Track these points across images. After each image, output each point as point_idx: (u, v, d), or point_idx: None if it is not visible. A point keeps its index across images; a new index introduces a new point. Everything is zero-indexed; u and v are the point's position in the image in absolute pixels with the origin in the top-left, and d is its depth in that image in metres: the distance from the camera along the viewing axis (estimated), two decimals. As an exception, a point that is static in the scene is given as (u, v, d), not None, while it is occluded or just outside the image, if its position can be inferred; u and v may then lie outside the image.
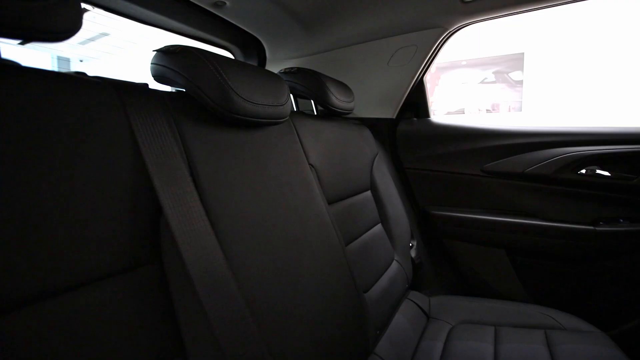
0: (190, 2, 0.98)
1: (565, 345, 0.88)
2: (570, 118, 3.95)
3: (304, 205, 0.72)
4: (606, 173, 1.13)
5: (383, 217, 1.20)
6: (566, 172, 1.15)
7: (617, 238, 1.11)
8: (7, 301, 0.34)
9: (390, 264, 1.12)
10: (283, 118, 0.71)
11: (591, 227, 1.13)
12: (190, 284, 0.44)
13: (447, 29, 1.17)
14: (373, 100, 1.38)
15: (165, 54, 0.58)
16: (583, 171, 1.15)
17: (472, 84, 4.42)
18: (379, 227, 1.15)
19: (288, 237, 0.64)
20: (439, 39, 1.19)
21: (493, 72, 4.19)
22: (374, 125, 1.37)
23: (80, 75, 0.47)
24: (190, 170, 0.51)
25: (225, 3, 1.00)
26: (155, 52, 0.60)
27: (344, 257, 0.80)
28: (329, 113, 1.06)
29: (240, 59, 1.39)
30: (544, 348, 0.89)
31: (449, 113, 4.16)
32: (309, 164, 0.85)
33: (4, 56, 0.40)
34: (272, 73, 0.73)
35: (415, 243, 1.32)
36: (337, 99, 1.02)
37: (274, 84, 0.69)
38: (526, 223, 1.22)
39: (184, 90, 0.59)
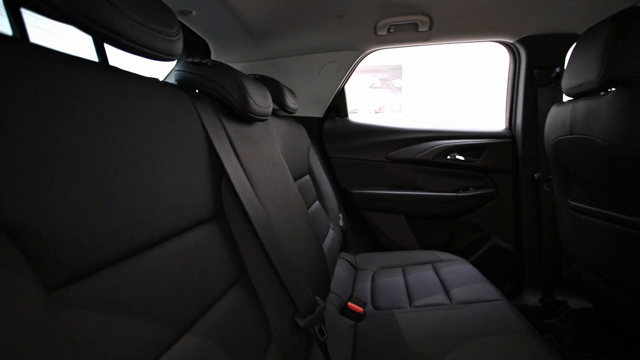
0: None
1: (444, 269, 1.35)
2: (438, 118, 4.99)
3: (286, 179, 0.98)
4: (462, 157, 1.68)
5: (319, 195, 1.52)
6: (440, 157, 1.67)
7: (469, 200, 1.68)
8: (116, 254, 0.39)
9: (328, 230, 1.45)
10: (269, 116, 0.96)
11: (454, 194, 1.68)
12: (251, 230, 0.66)
13: (363, 52, 1.56)
14: (306, 102, 1.68)
15: (197, 65, 0.76)
16: (449, 157, 1.68)
17: (362, 88, 5.14)
18: (317, 203, 1.47)
19: (285, 200, 0.89)
20: (357, 58, 1.58)
21: (379, 79, 4.98)
22: (306, 122, 1.67)
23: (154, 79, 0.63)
24: (233, 149, 0.72)
25: (191, 12, 1.15)
26: (184, 62, 0.77)
27: (309, 218, 1.09)
28: (282, 112, 1.32)
29: (184, 58, 1.51)
30: (433, 273, 1.34)
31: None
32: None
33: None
34: (263, 83, 0.97)
35: (341, 215, 1.68)
36: (290, 102, 1.29)
37: (265, 91, 0.93)
38: (417, 194, 1.71)
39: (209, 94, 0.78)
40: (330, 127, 1.78)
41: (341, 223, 1.63)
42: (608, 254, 1.08)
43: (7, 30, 0.43)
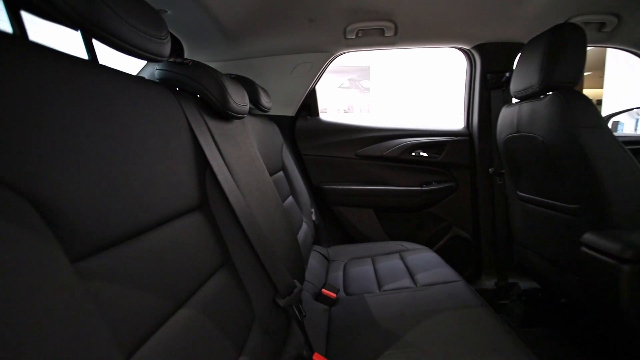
0: None
1: (410, 257, 1.46)
2: (405, 117, 5.21)
3: (262, 174, 1.03)
4: (425, 154, 1.81)
5: (292, 191, 1.58)
6: (405, 154, 1.79)
7: (432, 194, 1.81)
8: (122, 233, 0.44)
9: (302, 224, 1.52)
10: (246, 114, 1.00)
11: (419, 188, 1.80)
12: (234, 218, 0.71)
13: (333, 54, 1.64)
14: (279, 101, 1.73)
15: (179, 64, 0.80)
16: (414, 154, 1.80)
17: (331, 88, 5.25)
18: (290, 198, 1.53)
19: (262, 193, 0.95)
20: (327, 60, 1.66)
21: (348, 79, 5.11)
22: (279, 121, 1.73)
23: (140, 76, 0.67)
24: (215, 144, 0.77)
25: (167, 11, 1.17)
26: (166, 61, 0.81)
27: (284, 211, 1.15)
28: (257, 111, 1.37)
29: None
30: (400, 261, 1.44)
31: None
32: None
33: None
34: (240, 83, 1.01)
35: (313, 210, 1.76)
36: (265, 101, 1.34)
37: (243, 91, 0.98)
38: (384, 189, 1.82)
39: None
40: (302, 125, 1.84)
41: (314, 217, 1.70)
42: (549, 238, 1.23)
43: (8, 29, 0.46)
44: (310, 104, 1.84)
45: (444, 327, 0.91)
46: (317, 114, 1.89)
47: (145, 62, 1.37)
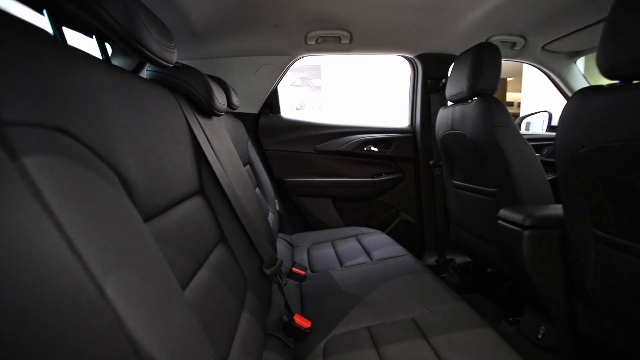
0: None
1: (365, 239, 1.66)
2: (356, 115, 5.49)
3: (239, 165, 1.15)
4: (376, 149, 2.04)
5: (258, 183, 1.71)
6: (359, 149, 2.00)
7: (382, 184, 2.04)
8: (159, 208, 0.55)
9: (268, 214, 1.65)
10: (224, 112, 1.12)
11: (371, 179, 2.03)
12: (227, 202, 0.84)
13: (295, 57, 1.79)
14: (243, 99, 1.83)
15: (172, 67, 0.89)
16: (366, 148, 2.02)
17: (284, 86, 5.37)
18: (257, 189, 1.65)
19: (243, 182, 1.07)
20: (289, 62, 1.80)
21: (300, 77, 5.26)
22: (243, 118, 1.83)
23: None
24: (206, 137, 0.88)
25: None
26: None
27: (258, 198, 1.27)
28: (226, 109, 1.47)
29: (121, 52, 1.54)
30: (357, 243, 1.64)
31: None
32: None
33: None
34: (221, 83, 1.11)
35: (277, 201, 1.89)
36: (235, 99, 1.44)
37: (221, 90, 1.09)
38: (341, 180, 2.02)
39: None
40: (265, 122, 1.97)
41: (277, 207, 1.84)
42: (477, 217, 1.51)
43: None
44: (272, 102, 1.97)
45: (397, 288, 1.11)
46: (279, 112, 2.02)
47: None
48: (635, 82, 0.72)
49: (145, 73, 0.91)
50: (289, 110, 5.35)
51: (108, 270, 0.31)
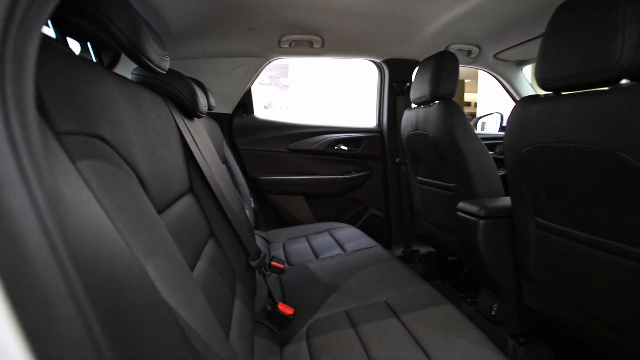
0: None
1: (338, 233, 1.76)
2: (324, 115, 5.59)
3: (220, 165, 1.20)
4: (346, 148, 2.14)
5: (234, 182, 1.75)
6: (330, 148, 2.09)
7: (352, 181, 2.16)
8: (162, 205, 0.61)
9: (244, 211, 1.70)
10: (205, 114, 1.16)
11: (341, 177, 2.13)
12: (214, 199, 0.89)
13: (268, 59, 1.84)
14: (217, 100, 1.86)
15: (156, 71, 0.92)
16: (336, 147, 2.12)
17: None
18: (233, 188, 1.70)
19: (225, 180, 1.12)
20: (263, 64, 1.85)
21: (268, 76, 5.27)
22: (218, 118, 1.86)
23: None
24: (192, 138, 0.93)
25: None
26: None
27: (238, 195, 1.33)
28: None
29: (91, 52, 1.52)
30: (329, 237, 1.73)
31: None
32: None
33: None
34: (201, 86, 1.15)
35: (252, 199, 1.94)
36: (212, 101, 1.48)
37: (202, 93, 1.13)
38: (313, 178, 2.10)
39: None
40: (239, 122, 2.00)
41: (252, 205, 1.89)
42: (439, 210, 1.65)
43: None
44: (246, 102, 2.01)
45: (370, 275, 1.22)
46: (253, 112, 2.07)
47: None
48: (563, 93, 0.87)
49: (130, 76, 0.94)
50: (257, 108, 5.36)
51: (147, 254, 0.37)
